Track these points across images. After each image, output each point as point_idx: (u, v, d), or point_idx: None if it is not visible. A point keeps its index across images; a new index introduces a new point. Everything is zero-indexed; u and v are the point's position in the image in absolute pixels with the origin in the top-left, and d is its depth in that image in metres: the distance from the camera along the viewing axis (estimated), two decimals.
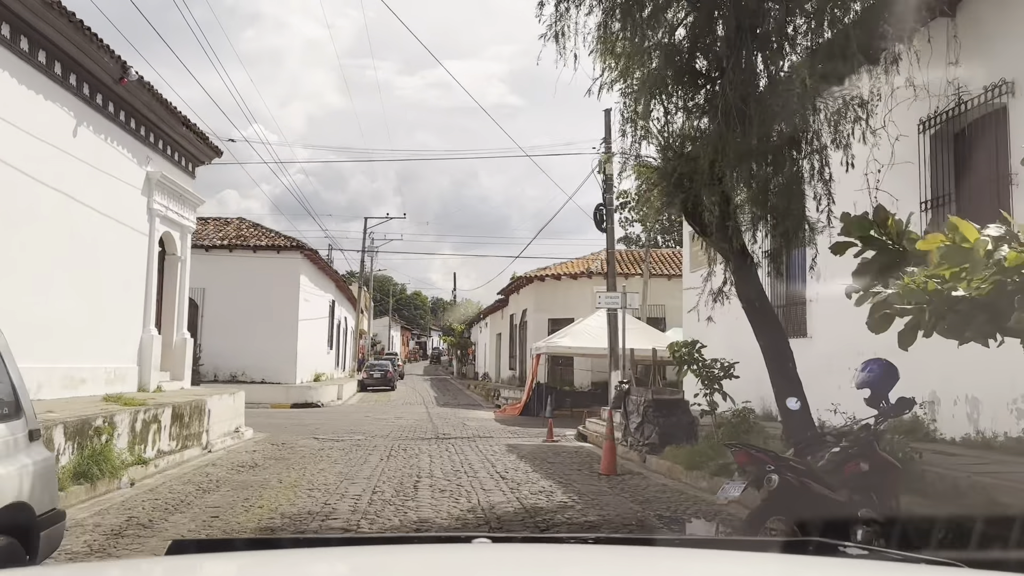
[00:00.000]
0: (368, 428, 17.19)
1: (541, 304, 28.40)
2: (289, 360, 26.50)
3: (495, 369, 39.53)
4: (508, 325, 34.14)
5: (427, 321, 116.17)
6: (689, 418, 11.64)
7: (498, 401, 27.83)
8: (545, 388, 23.14)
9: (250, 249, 26.67)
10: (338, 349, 38.37)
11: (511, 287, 31.63)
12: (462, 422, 19.65)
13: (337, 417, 20.73)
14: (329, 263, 34.19)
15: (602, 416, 16.63)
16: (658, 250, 30.77)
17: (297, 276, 26.88)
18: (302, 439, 14.46)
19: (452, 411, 24.28)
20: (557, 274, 27.60)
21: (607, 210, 18.28)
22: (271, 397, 25.23)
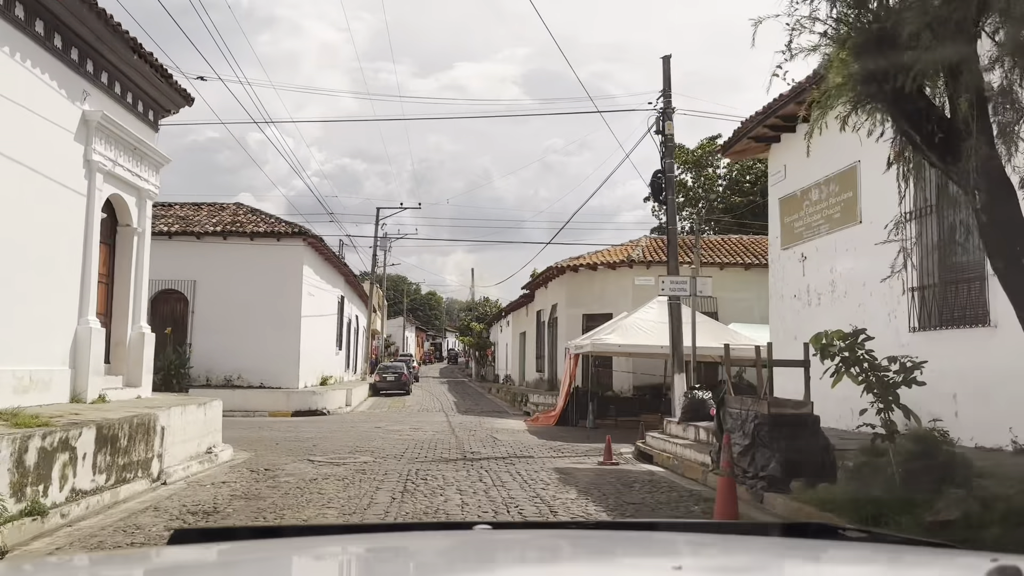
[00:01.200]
0: (378, 444, 14.00)
1: (574, 298, 25.15)
2: (291, 362, 23.40)
3: (518, 371, 36.30)
4: (534, 323, 30.91)
5: (442, 322, 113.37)
6: (821, 441, 8.35)
7: (527, 407, 24.59)
8: (585, 394, 19.88)
9: (246, 236, 23.60)
10: (348, 350, 35.28)
11: (538, 280, 28.41)
12: (490, 435, 16.43)
13: (343, 428, 17.57)
14: (341, 259, 31.06)
15: (668, 429, 13.35)
16: (706, 237, 27.42)
17: (300, 267, 23.77)
18: (293, 461, 11.30)
19: (476, 420, 21.07)
20: (593, 263, 24.34)
21: (666, 177, 15.01)
22: (270, 404, 22.17)
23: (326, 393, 23.20)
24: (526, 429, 18.48)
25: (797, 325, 12.14)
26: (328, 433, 16.21)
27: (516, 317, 37.52)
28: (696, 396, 13.00)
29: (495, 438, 15.73)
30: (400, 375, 32.67)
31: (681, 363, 14.89)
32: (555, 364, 26.93)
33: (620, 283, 24.18)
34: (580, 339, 19.18)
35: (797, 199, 12.34)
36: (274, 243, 23.70)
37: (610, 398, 20.13)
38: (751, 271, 23.26)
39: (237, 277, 23.45)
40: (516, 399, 27.41)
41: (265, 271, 23.54)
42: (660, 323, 16.79)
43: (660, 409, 19.26)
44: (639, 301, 22.24)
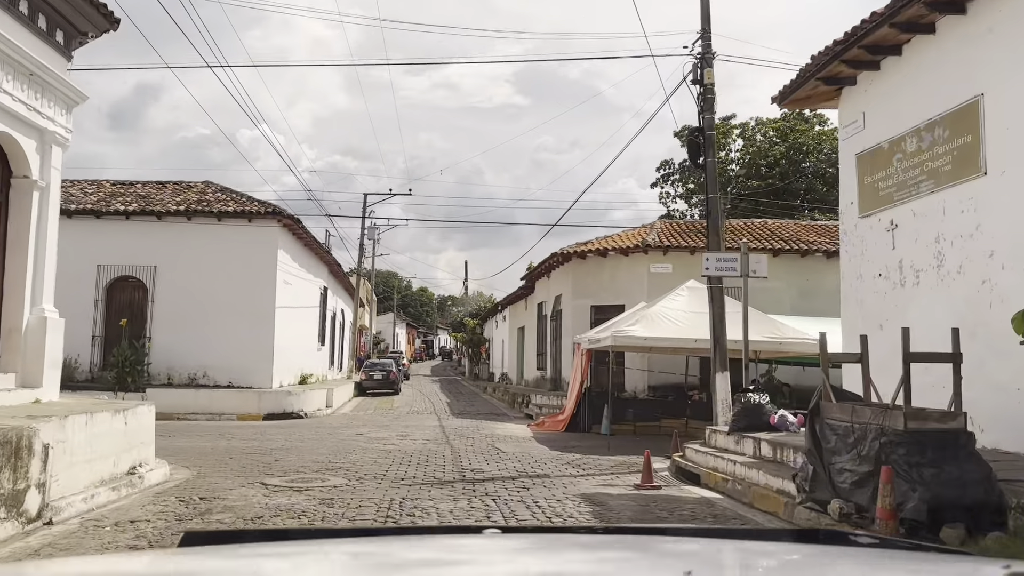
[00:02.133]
0: (356, 458, 11.42)
1: (581, 288, 22.59)
2: (264, 358, 20.77)
3: (516, 369, 33.74)
4: (535, 316, 28.34)
5: (434, 319, 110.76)
6: (982, 470, 5.83)
7: (528, 409, 22.03)
8: (597, 395, 17.33)
9: (213, 216, 20.94)
10: (332, 346, 32.64)
11: (539, 269, 25.84)
12: (492, 444, 13.86)
13: (318, 436, 14.97)
14: (324, 247, 28.40)
15: (713, 441, 10.82)
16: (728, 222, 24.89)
17: (274, 251, 21.13)
18: (242, 485, 8.72)
19: (473, 424, 18.50)
20: (603, 248, 21.79)
21: (705, 136, 12.45)
22: (238, 406, 19.55)
23: (303, 393, 20.57)
24: (531, 436, 15.92)
25: (883, 310, 9.63)
26: (299, 442, 13.61)
27: (513, 311, 34.95)
28: (751, 400, 10.46)
29: (498, 448, 13.16)
30: (388, 373, 30.07)
31: (724, 359, 12.37)
32: (559, 361, 24.39)
33: (634, 271, 21.64)
34: (595, 331, 16.63)
35: (883, 153, 9.81)
36: (244, 224, 21.06)
37: (629, 400, 17.58)
38: (780, 258, 20.78)
39: (203, 262, 20.83)
40: (516, 400, 24.85)
41: (235, 256, 20.92)
42: (692, 313, 14.28)
43: (686, 413, 16.77)
44: (656, 291, 19.72)
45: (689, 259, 21.39)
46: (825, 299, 21.14)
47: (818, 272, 20.85)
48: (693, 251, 21.34)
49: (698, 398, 17.45)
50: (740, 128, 32.91)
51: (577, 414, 16.91)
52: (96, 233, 20.79)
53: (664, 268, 21.29)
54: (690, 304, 14.44)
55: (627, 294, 21.50)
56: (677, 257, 21.37)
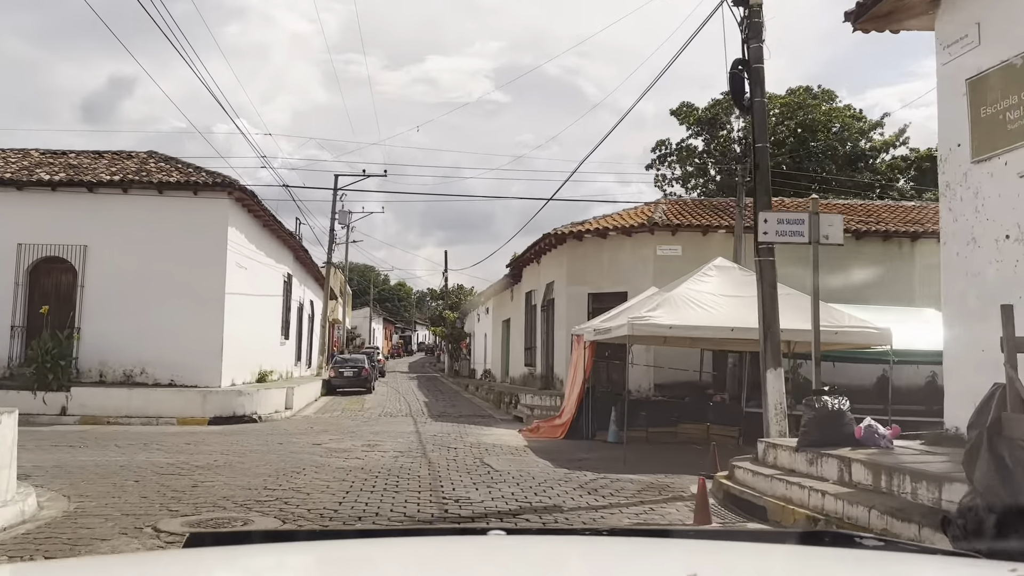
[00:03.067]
0: (303, 482, 8.71)
1: (578, 273, 19.98)
2: (211, 352, 17.94)
3: (500, 365, 31.10)
4: (522, 307, 25.70)
5: (412, 314, 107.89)
6: None
7: (517, 411, 19.39)
8: (603, 396, 14.75)
9: (153, 188, 18.05)
10: (300, 340, 29.80)
11: (528, 254, 23.19)
12: (479, 458, 11.21)
13: (266, 446, 12.24)
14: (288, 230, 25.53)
15: (772, 459, 8.27)
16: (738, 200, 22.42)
17: (223, 228, 18.28)
18: (126, 530, 6.03)
19: (455, 429, 15.83)
20: (602, 228, 19.18)
21: (751, 71, 9.83)
22: (180, 408, 16.74)
23: (257, 394, 17.77)
24: (525, 444, 13.28)
25: (1014, 283, 7.08)
26: (238, 456, 10.87)
27: (498, 302, 32.28)
28: (827, 405, 7.89)
29: (487, 464, 10.49)
30: (360, 370, 27.28)
31: (777, 352, 9.80)
32: (551, 356, 21.78)
33: (638, 254, 19.08)
34: (601, 320, 13.98)
35: (1008, 74, 7.27)
36: (190, 197, 18.19)
37: (636, 402, 14.96)
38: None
39: (142, 241, 17.94)
40: (502, 400, 22.20)
41: (179, 234, 18.05)
42: (723, 296, 11.72)
43: (707, 418, 14.22)
44: (663, 277, 17.16)
45: (701, 240, 18.88)
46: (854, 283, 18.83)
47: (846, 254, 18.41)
48: (705, 231, 18.84)
49: (720, 399, 14.91)
50: None
51: (578, 418, 14.30)
52: (17, 207, 17.88)
53: (672, 250, 18.75)
54: (721, 286, 11.87)
55: (630, 280, 18.93)
56: (687, 238, 18.84)
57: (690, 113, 30.63)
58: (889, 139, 29.72)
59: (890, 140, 29.73)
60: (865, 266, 18.57)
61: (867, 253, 18.94)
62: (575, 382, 15.10)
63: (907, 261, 19.24)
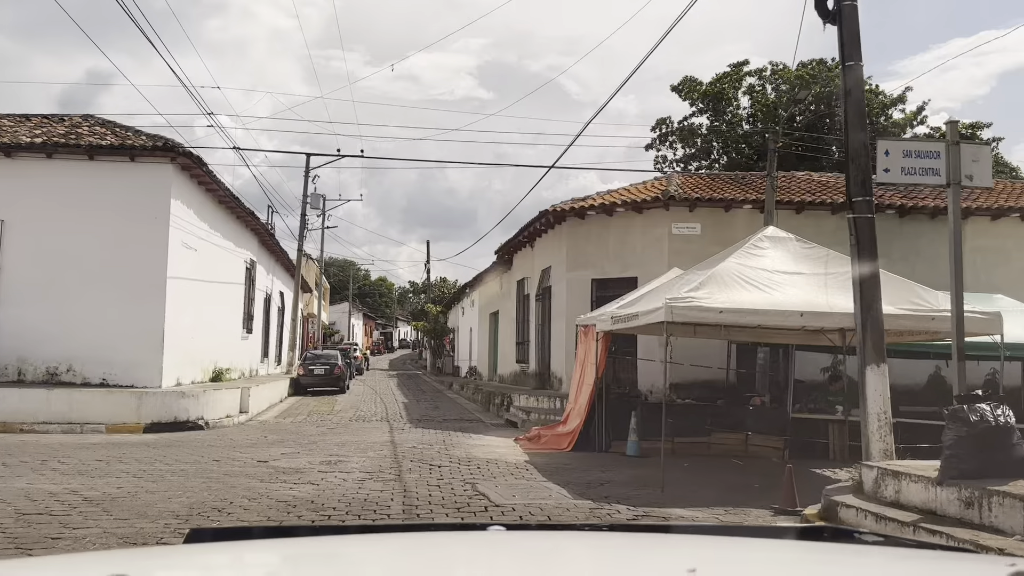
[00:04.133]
0: (224, 522, 6.07)
1: (580, 256, 17.43)
2: (150, 346, 15.22)
3: (488, 362, 28.52)
4: (513, 297, 23.11)
5: (393, 310, 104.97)
6: None
7: (510, 414, 16.80)
8: (620, 398, 12.22)
9: (82, 152, 15.29)
10: (267, 334, 27.04)
11: (521, 237, 20.59)
12: (472, 482, 8.61)
13: (197, 465, 9.59)
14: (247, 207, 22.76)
15: (881, 490, 5.69)
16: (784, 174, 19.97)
17: (166, 201, 15.54)
18: None
19: (439, 437, 13.23)
20: (608, 204, 16.63)
21: None
22: (110, 412, 14.05)
23: (205, 395, 15.04)
24: (526, 459, 10.71)
25: None
26: (150, 483, 8.21)
27: (485, 293, 29.69)
28: (987, 418, 5.37)
29: (483, 494, 7.88)
30: (332, 367, 24.56)
31: (879, 343, 7.27)
32: (546, 351, 19.23)
33: (650, 233, 16.56)
34: (622, 305, 11.39)
35: None
36: (126, 164, 15.45)
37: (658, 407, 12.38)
38: (876, 218, 15.86)
39: (69, 216, 15.23)
40: (491, 401, 19.61)
41: (113, 207, 15.33)
42: (781, 273, 9.19)
43: (747, 426, 11.71)
44: (679, 260, 14.73)
45: (722, 218, 16.39)
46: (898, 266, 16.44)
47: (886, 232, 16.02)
48: (729, 207, 16.35)
49: (760, 402, 12.41)
50: (757, 74, 27.99)
51: (588, 425, 11.75)
52: None
53: (691, 229, 16.25)
54: (778, 260, 9.34)
55: (641, 263, 16.43)
56: (707, 215, 16.34)
57: (694, 88, 28.15)
58: (908, 115, 27.44)
59: (909, 117, 27.46)
60: (910, 246, 16.17)
61: (911, 232, 16.55)
62: (583, 382, 12.56)
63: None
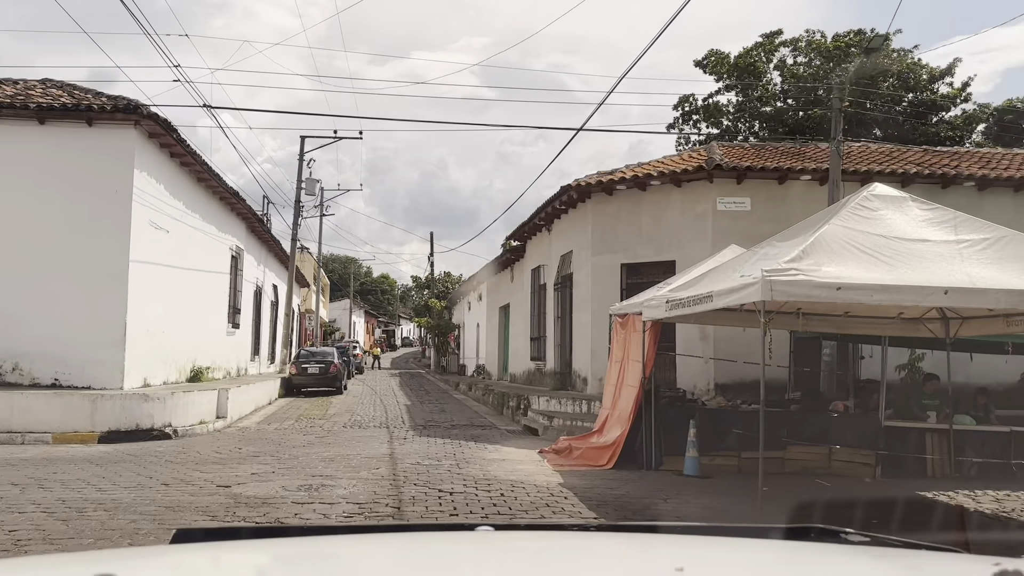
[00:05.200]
0: None
1: (607, 238, 15.20)
2: (109, 341, 13.05)
3: (497, 360, 26.32)
4: (527, 288, 20.88)
5: (395, 308, 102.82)
6: None
7: (527, 419, 14.57)
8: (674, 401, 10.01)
9: (31, 116, 13.10)
10: (257, 330, 24.87)
11: (537, 220, 18.35)
12: (492, 508, 6.37)
13: (136, 491, 7.41)
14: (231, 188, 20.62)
15: None
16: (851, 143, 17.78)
17: (128, 172, 13.34)
18: None
19: (448, 449, 11.03)
20: (641, 176, 14.40)
21: None
22: (59, 419, 11.88)
23: (173, 399, 12.83)
24: (559, 482, 8.49)
25: None
26: (63, 522, 6.04)
27: (494, 286, 27.48)
28: None
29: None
30: (328, 365, 22.34)
31: None
32: (567, 347, 17.02)
33: (691, 210, 14.33)
34: (676, 287, 9.13)
35: None
36: (82, 129, 13.26)
37: (718, 414, 10.11)
38: (950, 191, 13.79)
39: (14, 190, 13.11)
40: (505, 403, 17.39)
41: (65, 180, 13.17)
42: (904, 241, 6.93)
43: (831, 437, 9.48)
44: (726, 239, 12.52)
45: (775, 192, 14.15)
46: None
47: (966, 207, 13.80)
48: (784, 178, 14.09)
49: (844, 408, 10.16)
50: (792, 44, 25.68)
51: (634, 436, 9.51)
52: None
53: (739, 204, 14.02)
54: (895, 225, 7.09)
55: (679, 245, 14.22)
56: (757, 188, 14.11)
57: (721, 61, 25.88)
58: (954, 91, 25.17)
59: (954, 93, 25.18)
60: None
61: (991, 207, 14.30)
62: (623, 382, 10.34)
63: None
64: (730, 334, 13.11)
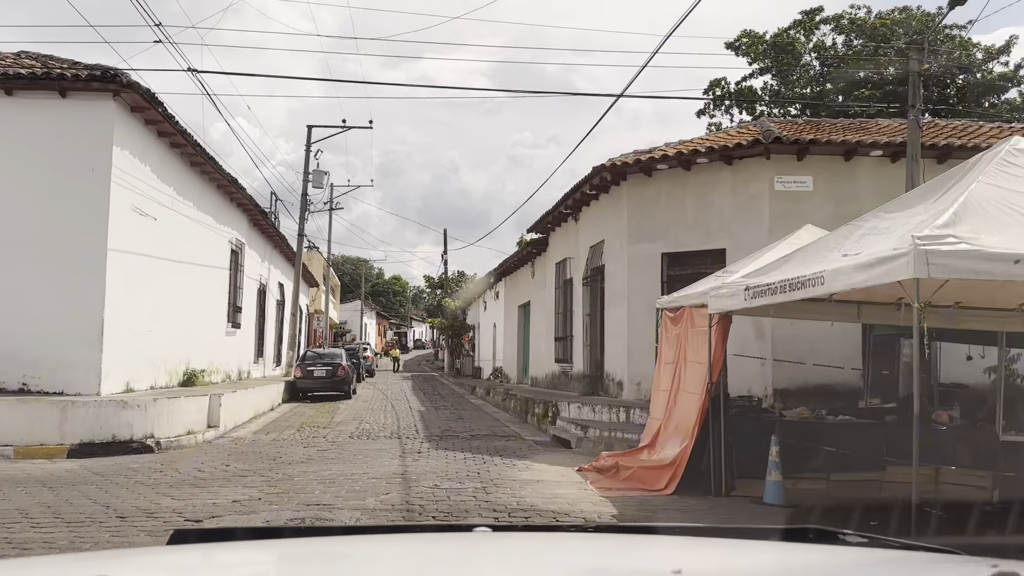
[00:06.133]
0: None
1: (644, 225, 13.56)
2: (85, 341, 11.52)
3: (516, 362, 24.68)
4: (551, 283, 19.22)
5: (408, 310, 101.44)
6: None
7: (556, 428, 12.90)
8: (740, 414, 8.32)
9: None
10: (261, 330, 23.35)
11: (564, 207, 16.69)
12: None
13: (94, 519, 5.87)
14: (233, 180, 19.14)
15: None
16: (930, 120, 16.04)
17: (106, 147, 11.81)
18: None
19: (470, 465, 9.41)
20: (688, 152, 12.73)
21: None
22: (22, 429, 10.30)
23: (156, 406, 11.24)
24: (612, 512, 6.86)
25: None
26: None
27: (512, 283, 25.85)
28: None
29: None
30: (335, 368, 20.76)
31: None
32: (597, 348, 15.36)
33: (743, 191, 12.65)
34: (760, 270, 7.45)
35: None
36: (55, 101, 11.74)
37: (801, 426, 8.41)
38: None
39: None
40: (529, 409, 15.73)
41: (36, 157, 11.65)
42: None
43: (937, 456, 7.77)
44: (785, 224, 10.87)
45: (841, 169, 12.45)
46: None
47: None
48: (850, 154, 12.39)
49: (948, 419, 8.43)
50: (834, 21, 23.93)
51: (699, 454, 7.84)
52: None
53: (800, 184, 12.33)
54: None
55: (730, 231, 12.57)
56: (820, 166, 12.42)
57: (756, 42, 24.15)
58: (1010, 72, 23.36)
59: (1010, 73, 23.38)
60: None
61: None
62: (679, 388, 8.68)
63: None
64: (791, 332, 11.48)
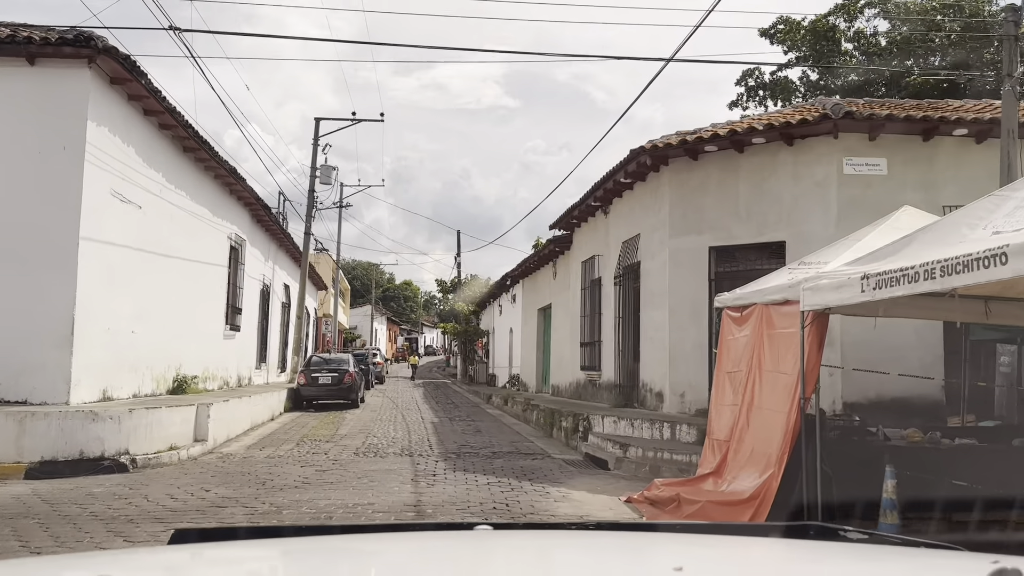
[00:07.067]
0: None
1: (689, 215, 12.00)
2: (53, 342, 10.05)
3: (535, 369, 23.11)
4: (576, 283, 17.66)
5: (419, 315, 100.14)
6: None
7: (587, 444, 11.32)
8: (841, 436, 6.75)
9: None
10: (264, 334, 21.90)
11: (592, 199, 15.15)
12: None
13: None
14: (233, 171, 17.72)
15: None
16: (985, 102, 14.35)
17: (79, 121, 10.35)
18: None
19: (495, 493, 7.87)
20: (743, 131, 11.17)
21: None
22: None
23: (131, 417, 9.73)
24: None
25: None
26: None
27: (530, 285, 24.31)
28: None
29: None
30: (342, 375, 19.26)
31: None
32: (630, 354, 13.79)
33: (806, 176, 11.07)
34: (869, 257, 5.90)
35: None
36: (22, 69, 10.32)
37: (910, 452, 6.84)
38: None
39: None
40: (554, 421, 14.14)
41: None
42: None
43: None
44: (856, 215, 9.37)
45: (919, 150, 10.85)
46: None
47: None
48: (929, 133, 10.79)
49: None
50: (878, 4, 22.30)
51: (787, 487, 6.27)
52: None
53: (872, 167, 10.74)
54: None
55: (790, 221, 10.99)
56: (895, 146, 10.84)
57: (793, 30, 22.58)
58: None
59: None
60: None
61: None
62: (753, 403, 7.11)
63: None
64: (862, 337, 9.86)
